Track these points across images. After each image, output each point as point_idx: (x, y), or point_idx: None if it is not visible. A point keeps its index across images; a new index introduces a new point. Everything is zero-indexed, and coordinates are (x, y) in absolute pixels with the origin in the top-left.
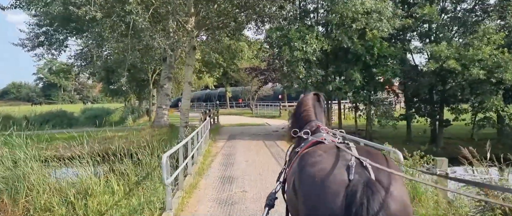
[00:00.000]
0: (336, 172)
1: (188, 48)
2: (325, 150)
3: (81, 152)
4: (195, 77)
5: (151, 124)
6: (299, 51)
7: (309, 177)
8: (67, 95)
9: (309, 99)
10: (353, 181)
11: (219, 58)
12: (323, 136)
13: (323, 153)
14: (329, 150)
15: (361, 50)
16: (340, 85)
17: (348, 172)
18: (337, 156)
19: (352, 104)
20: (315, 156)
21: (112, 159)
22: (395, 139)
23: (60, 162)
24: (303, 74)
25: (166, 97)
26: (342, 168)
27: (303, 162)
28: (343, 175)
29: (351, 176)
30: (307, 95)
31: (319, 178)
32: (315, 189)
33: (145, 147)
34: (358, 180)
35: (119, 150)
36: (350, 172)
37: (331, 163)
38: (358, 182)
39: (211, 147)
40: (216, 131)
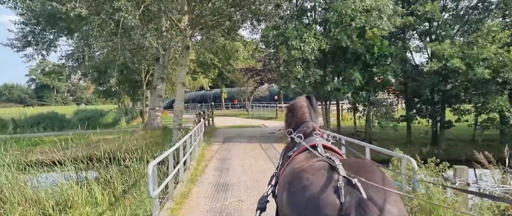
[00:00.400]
0: (326, 197)
1: (182, 48)
2: (312, 172)
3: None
4: (190, 78)
5: (144, 126)
6: (297, 50)
7: (300, 206)
8: (60, 96)
9: (303, 101)
10: (345, 204)
11: (214, 59)
12: (316, 140)
13: (310, 176)
14: (316, 172)
15: (361, 49)
16: (339, 86)
17: (338, 194)
18: (324, 177)
19: (351, 105)
20: (303, 180)
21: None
22: (396, 141)
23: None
24: (301, 74)
25: (159, 98)
26: (331, 192)
27: (293, 187)
28: (333, 199)
29: (342, 199)
30: (300, 98)
31: (310, 206)
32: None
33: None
34: (350, 201)
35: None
36: (340, 195)
37: (320, 187)
38: (350, 204)
39: (206, 150)
40: (211, 133)
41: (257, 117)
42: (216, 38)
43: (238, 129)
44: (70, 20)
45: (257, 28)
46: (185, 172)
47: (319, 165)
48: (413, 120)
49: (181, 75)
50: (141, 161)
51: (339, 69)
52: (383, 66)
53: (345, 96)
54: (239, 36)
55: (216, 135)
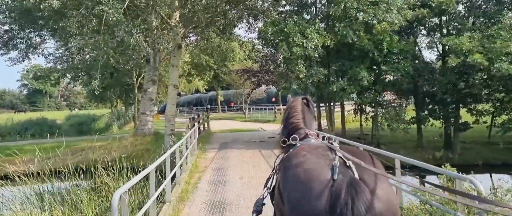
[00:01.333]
0: (319, 172)
1: (173, 47)
2: (309, 150)
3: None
4: (185, 81)
5: (134, 132)
6: (299, 47)
7: (293, 178)
8: (53, 102)
9: (298, 105)
10: (337, 181)
11: (209, 60)
12: (312, 142)
13: (307, 153)
14: (313, 150)
15: (368, 46)
16: (345, 86)
17: (332, 171)
18: (321, 155)
19: (357, 107)
20: (299, 157)
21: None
22: (405, 145)
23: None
24: (304, 73)
25: (150, 102)
26: (326, 168)
27: (288, 162)
28: (326, 174)
29: (335, 176)
30: (296, 101)
31: (303, 178)
32: (299, 189)
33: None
34: (342, 179)
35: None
36: (334, 172)
37: (315, 162)
38: (342, 182)
39: (200, 159)
40: (206, 138)
41: (254, 120)
42: (211, 38)
43: (235, 133)
44: (48, 16)
45: (254, 26)
46: (174, 189)
47: (318, 144)
48: (425, 121)
49: (173, 76)
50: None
51: (344, 68)
52: (393, 64)
53: (351, 97)
54: (235, 35)
55: (211, 140)
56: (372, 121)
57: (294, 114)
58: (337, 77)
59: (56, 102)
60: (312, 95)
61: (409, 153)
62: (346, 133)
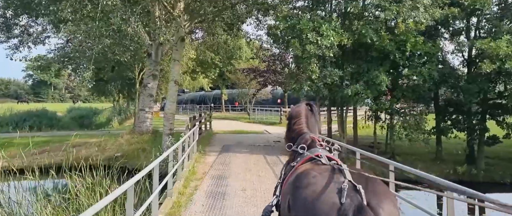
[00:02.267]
0: (328, 195)
1: (176, 39)
2: (320, 171)
3: None
4: (189, 78)
5: (131, 129)
6: (313, 45)
7: (302, 199)
8: (57, 93)
9: (301, 110)
10: (344, 205)
11: (214, 58)
12: (319, 151)
13: (317, 174)
14: (323, 172)
15: (389, 47)
16: (360, 90)
17: (340, 195)
18: (330, 178)
19: (372, 113)
20: (309, 178)
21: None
22: (423, 157)
23: None
24: (317, 74)
25: (150, 98)
26: (334, 191)
27: (298, 182)
28: (334, 198)
29: (343, 199)
30: (299, 106)
31: (312, 200)
32: (307, 210)
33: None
34: (350, 204)
35: None
36: (342, 195)
37: (325, 185)
38: (349, 206)
39: (198, 163)
40: (207, 139)
41: (259, 122)
42: (217, 33)
43: (238, 135)
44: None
45: (263, 23)
46: (165, 202)
47: (326, 167)
48: (448, 132)
49: (173, 71)
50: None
51: (361, 70)
52: (415, 68)
53: (366, 102)
54: (243, 32)
55: (213, 141)
56: (387, 129)
57: (297, 117)
58: (352, 80)
59: (60, 94)
60: (324, 98)
61: (427, 166)
62: (358, 140)
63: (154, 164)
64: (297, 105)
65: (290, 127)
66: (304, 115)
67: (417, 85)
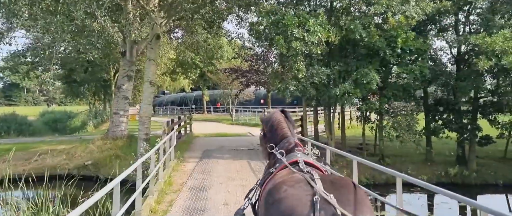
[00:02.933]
0: (301, 211)
1: (151, 37)
2: (291, 184)
3: None
4: (169, 79)
5: (104, 134)
6: (299, 42)
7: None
8: (31, 96)
9: (280, 116)
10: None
11: (195, 58)
12: (298, 157)
13: (288, 188)
14: (295, 184)
15: (379, 43)
16: (349, 89)
17: (313, 209)
18: (302, 191)
19: (360, 114)
20: (281, 192)
21: None
22: (412, 159)
23: None
24: (303, 73)
25: (124, 101)
26: (307, 205)
27: (270, 198)
28: (308, 212)
29: (317, 213)
30: (276, 113)
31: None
32: None
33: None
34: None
35: None
36: (315, 209)
37: (297, 199)
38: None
39: (176, 171)
40: (187, 144)
41: (242, 123)
42: (197, 32)
43: (220, 138)
44: None
45: (245, 21)
46: None
47: (299, 178)
48: (439, 133)
49: (149, 72)
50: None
51: (349, 68)
52: (407, 65)
53: (354, 102)
54: (224, 30)
55: (193, 146)
56: (377, 130)
57: (279, 122)
58: (339, 79)
59: (33, 97)
60: (310, 98)
61: (418, 168)
62: (346, 142)
63: (114, 184)
64: (274, 113)
65: (273, 131)
66: (284, 121)
67: (408, 83)
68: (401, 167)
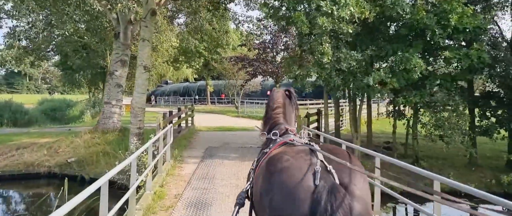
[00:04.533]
0: (302, 178)
1: (144, 13)
2: (292, 155)
3: None
4: (172, 68)
5: (94, 127)
6: (326, 18)
7: (276, 183)
8: (33, 84)
9: (279, 97)
10: (318, 187)
11: (199, 46)
12: (291, 137)
13: (290, 157)
14: (296, 154)
15: (427, 20)
16: (385, 78)
17: (313, 177)
18: (303, 160)
19: (393, 107)
20: (282, 162)
21: None
22: (453, 162)
23: None
24: (329, 57)
25: (117, 89)
26: (309, 174)
27: (272, 167)
28: (308, 181)
29: (317, 181)
30: (277, 93)
31: (286, 184)
32: (282, 194)
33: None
34: (323, 186)
35: None
36: (315, 178)
37: (298, 168)
38: (323, 188)
39: (171, 177)
40: (187, 139)
41: (248, 116)
42: (200, 13)
43: (225, 133)
44: None
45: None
46: None
47: (299, 149)
48: (494, 132)
49: (143, 54)
50: None
51: (383, 52)
52: (459, 49)
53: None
54: (231, 12)
55: (194, 142)
56: (411, 127)
57: (275, 107)
58: (370, 66)
59: (36, 85)
60: (335, 89)
61: (461, 174)
62: (373, 139)
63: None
64: (275, 92)
65: (268, 114)
66: (282, 104)
67: (462, 71)
68: (440, 173)
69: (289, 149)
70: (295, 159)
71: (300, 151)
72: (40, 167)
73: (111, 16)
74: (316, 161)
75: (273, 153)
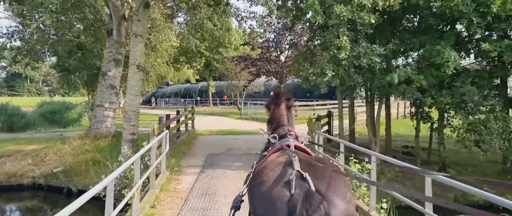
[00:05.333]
0: (279, 189)
1: (137, 5)
2: (272, 167)
3: None
4: (172, 69)
5: (85, 132)
6: (344, 6)
7: (256, 196)
8: (34, 86)
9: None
10: (294, 195)
11: (200, 46)
12: (289, 141)
13: (269, 171)
14: (275, 167)
15: (463, 7)
16: (412, 74)
17: (288, 187)
18: (281, 172)
19: (416, 109)
20: (262, 176)
21: None
22: (484, 169)
23: None
24: (347, 52)
25: (111, 91)
26: (284, 185)
27: (253, 181)
28: (284, 191)
29: (292, 191)
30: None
31: (265, 196)
32: (262, 206)
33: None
34: (299, 193)
35: None
36: (291, 187)
37: (275, 180)
38: (298, 196)
39: (166, 193)
40: (187, 145)
41: (251, 118)
42: (200, 8)
43: (228, 137)
44: None
45: None
46: None
47: (279, 161)
48: None
49: (135, 52)
50: None
51: (409, 46)
52: (499, 40)
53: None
54: (233, 7)
55: (194, 148)
56: (435, 131)
57: (280, 109)
58: (390, 61)
59: (37, 87)
60: (352, 88)
61: (496, 184)
62: (392, 143)
63: None
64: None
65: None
66: (284, 107)
67: (502, 66)
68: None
69: (275, 158)
70: (274, 171)
71: (280, 163)
72: (24, 177)
73: (103, 11)
74: (291, 171)
75: (267, 160)
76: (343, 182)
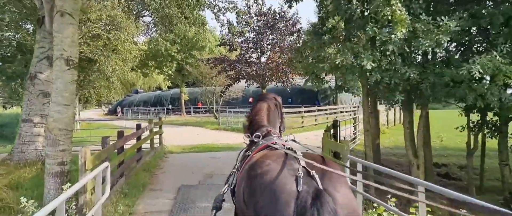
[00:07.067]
0: (285, 182)
1: None
2: (274, 158)
3: None
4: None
5: (6, 156)
6: None
7: (258, 188)
8: None
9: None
10: (302, 193)
11: (170, 49)
12: (274, 140)
13: (271, 162)
14: (277, 158)
15: None
16: (501, 65)
17: (296, 182)
18: (285, 165)
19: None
20: (263, 166)
21: None
22: None
23: None
24: (404, 27)
25: (43, 99)
26: (291, 178)
27: (253, 172)
28: (292, 185)
29: (300, 187)
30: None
31: (269, 188)
32: (265, 200)
33: None
34: (307, 190)
35: None
36: (298, 183)
37: (280, 172)
38: (307, 193)
39: None
40: (149, 171)
41: (231, 129)
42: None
43: (205, 155)
44: None
45: None
46: None
47: (281, 153)
48: None
49: (61, 38)
50: None
51: (487, 22)
52: None
53: (498, 96)
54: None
55: (160, 176)
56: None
57: (259, 110)
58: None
59: None
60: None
61: None
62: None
63: None
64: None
65: (252, 119)
66: (266, 109)
67: None
68: None
69: (271, 152)
70: (276, 163)
71: (281, 154)
72: None
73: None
74: (297, 166)
75: (255, 156)
76: (346, 182)
